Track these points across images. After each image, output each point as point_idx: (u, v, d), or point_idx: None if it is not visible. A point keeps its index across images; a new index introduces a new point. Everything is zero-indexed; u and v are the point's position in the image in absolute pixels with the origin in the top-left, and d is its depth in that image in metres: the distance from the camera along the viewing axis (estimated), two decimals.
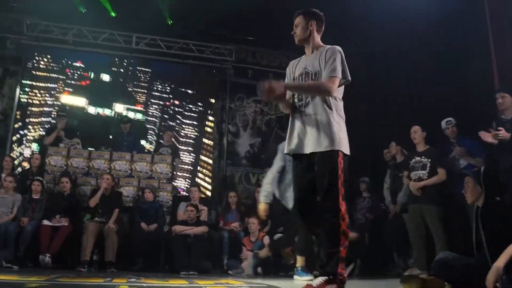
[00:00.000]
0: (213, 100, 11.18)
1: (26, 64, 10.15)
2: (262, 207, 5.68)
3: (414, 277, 3.89)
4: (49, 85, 11.24)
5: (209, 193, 10.36)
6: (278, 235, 7.12)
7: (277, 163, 5.50)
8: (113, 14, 9.65)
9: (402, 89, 8.09)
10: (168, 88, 12.49)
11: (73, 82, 11.61)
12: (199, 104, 12.33)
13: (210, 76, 11.10)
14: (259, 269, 6.67)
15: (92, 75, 12.07)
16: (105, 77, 12.17)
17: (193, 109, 12.26)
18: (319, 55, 3.39)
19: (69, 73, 11.61)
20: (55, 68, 11.36)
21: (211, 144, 10.99)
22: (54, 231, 6.64)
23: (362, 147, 8.71)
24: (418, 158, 5.94)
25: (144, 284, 3.95)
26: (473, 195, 3.74)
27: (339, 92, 3.37)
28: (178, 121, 12.28)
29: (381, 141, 7.53)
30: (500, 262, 3.06)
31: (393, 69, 8.23)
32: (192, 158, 11.96)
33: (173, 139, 10.29)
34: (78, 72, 11.71)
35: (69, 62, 11.65)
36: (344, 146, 3.26)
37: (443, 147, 6.07)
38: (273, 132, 10.91)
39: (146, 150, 9.74)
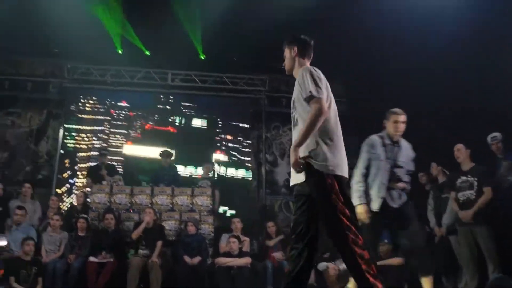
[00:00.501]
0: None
1: (69, 107, 10.59)
2: (360, 210, 4.54)
3: None
4: (95, 128, 11.51)
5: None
6: (323, 264, 7.03)
7: (363, 158, 4.77)
8: (147, 53, 9.95)
9: (439, 105, 7.93)
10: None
11: (118, 123, 11.82)
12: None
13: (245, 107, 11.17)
14: None
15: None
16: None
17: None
18: (296, 81, 3.26)
19: (114, 114, 11.84)
20: (100, 110, 11.65)
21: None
22: (100, 267, 6.76)
23: None
24: (464, 178, 5.78)
25: None
26: None
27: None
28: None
29: (420, 163, 7.37)
30: None
31: (428, 85, 8.09)
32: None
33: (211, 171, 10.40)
34: (124, 112, 11.93)
35: (113, 103, 11.85)
36: (335, 167, 3.01)
37: (490, 163, 5.89)
38: None
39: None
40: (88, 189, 8.51)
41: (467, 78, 7.18)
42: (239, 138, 11.88)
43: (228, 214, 10.02)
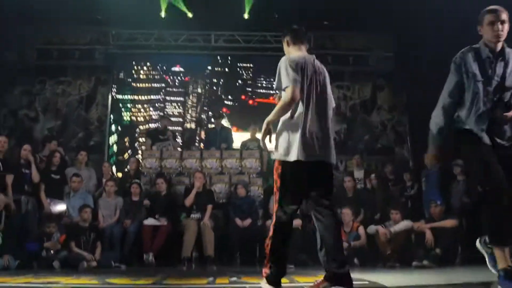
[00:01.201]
0: None
1: (118, 74, 10.80)
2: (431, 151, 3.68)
3: None
4: (151, 97, 11.58)
5: None
6: (373, 227, 6.98)
7: (449, 81, 3.49)
8: (190, 15, 9.85)
9: None
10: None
11: (174, 89, 11.84)
12: None
13: None
14: (356, 260, 6.59)
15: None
16: None
17: None
18: None
19: (169, 80, 11.84)
20: (155, 77, 11.65)
21: None
22: (155, 230, 6.99)
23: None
24: None
25: (247, 286, 4.01)
26: None
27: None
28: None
29: None
30: None
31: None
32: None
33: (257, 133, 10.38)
34: (179, 78, 11.91)
35: (165, 68, 11.78)
36: (279, 153, 3.23)
37: None
38: (357, 117, 10.67)
39: None
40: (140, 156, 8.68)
41: None
42: None
43: None
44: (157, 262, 6.75)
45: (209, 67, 11.84)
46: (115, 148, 10.55)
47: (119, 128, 10.64)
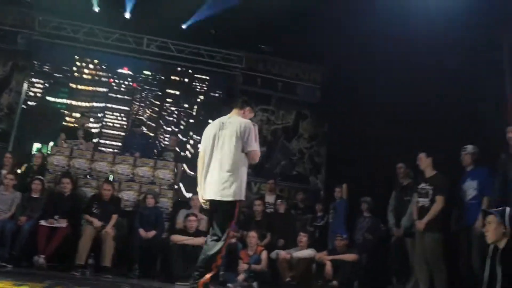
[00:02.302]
0: None
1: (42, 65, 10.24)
2: None
3: None
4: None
5: None
6: (275, 252, 7.05)
7: None
8: (127, 15, 9.57)
9: (411, 113, 7.93)
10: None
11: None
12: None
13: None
14: (255, 284, 6.59)
15: None
16: None
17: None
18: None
19: (113, 84, 11.46)
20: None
21: None
22: (52, 231, 6.58)
23: (367, 165, 8.65)
24: (423, 185, 5.84)
25: None
26: (495, 235, 3.60)
27: None
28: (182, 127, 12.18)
29: (387, 163, 7.40)
30: None
31: (401, 92, 8.06)
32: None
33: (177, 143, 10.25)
34: (126, 83, 11.54)
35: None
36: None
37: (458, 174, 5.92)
38: (278, 142, 10.84)
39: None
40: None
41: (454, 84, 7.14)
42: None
43: None
44: (49, 266, 6.34)
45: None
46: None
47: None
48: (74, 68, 11.35)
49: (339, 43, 9.34)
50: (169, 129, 12.27)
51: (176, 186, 8.74)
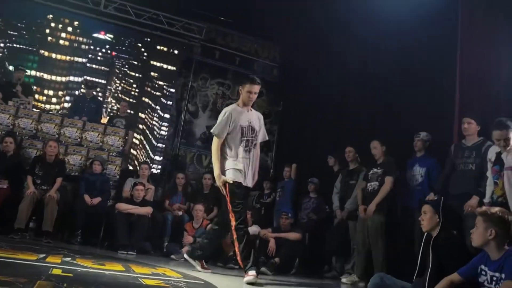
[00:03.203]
0: None
1: None
2: None
3: None
4: None
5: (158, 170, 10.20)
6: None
7: None
8: None
9: (365, 99, 8.10)
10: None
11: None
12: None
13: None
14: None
15: None
16: None
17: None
18: (260, 119, 4.98)
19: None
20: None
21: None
22: None
23: (315, 149, 8.82)
24: (375, 170, 6.04)
25: (78, 269, 3.82)
26: (430, 224, 3.82)
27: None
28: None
29: (338, 147, 7.56)
30: None
31: (365, 69, 8.22)
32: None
33: (128, 110, 10.05)
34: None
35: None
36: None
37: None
38: None
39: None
40: None
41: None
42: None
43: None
44: None
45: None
46: None
47: None
48: (47, 31, 10.65)
49: (299, 24, 9.38)
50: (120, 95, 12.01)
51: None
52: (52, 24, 10.60)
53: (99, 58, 11.55)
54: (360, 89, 8.26)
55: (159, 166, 10.55)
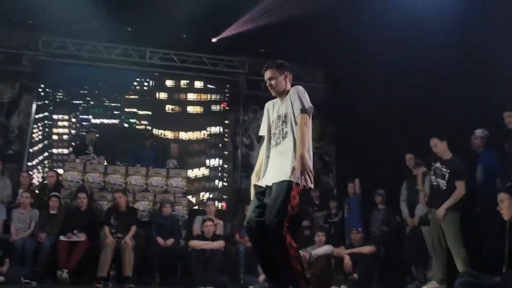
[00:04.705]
0: None
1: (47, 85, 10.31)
2: None
3: None
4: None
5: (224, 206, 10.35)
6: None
7: None
8: (128, 28, 9.65)
9: (419, 97, 7.98)
10: None
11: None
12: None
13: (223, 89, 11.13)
14: None
15: None
16: None
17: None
18: (287, 99, 3.71)
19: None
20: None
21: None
22: (72, 246, 6.67)
23: (374, 161, 8.71)
24: (439, 165, 5.90)
25: None
26: (510, 212, 3.67)
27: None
28: None
29: (397, 153, 7.45)
30: None
31: (409, 76, 8.13)
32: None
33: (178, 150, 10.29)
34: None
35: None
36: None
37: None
38: None
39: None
40: (60, 170, 8.28)
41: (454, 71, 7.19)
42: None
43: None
44: (72, 280, 6.41)
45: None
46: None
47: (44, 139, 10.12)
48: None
49: (339, 43, 9.42)
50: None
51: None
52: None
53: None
54: (407, 95, 8.16)
55: (222, 203, 10.69)
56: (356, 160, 9.50)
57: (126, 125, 12.30)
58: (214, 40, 10.02)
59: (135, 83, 12.03)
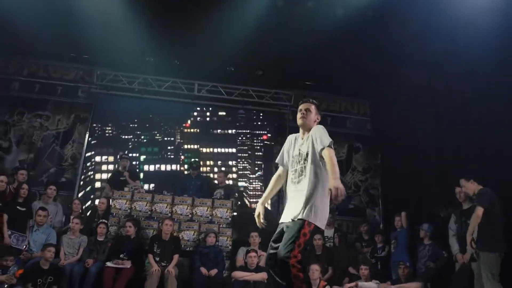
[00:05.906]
0: None
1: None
2: None
3: None
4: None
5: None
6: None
7: None
8: (176, 62, 9.96)
9: (469, 132, 7.77)
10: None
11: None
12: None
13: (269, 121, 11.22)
14: None
15: None
16: None
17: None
18: (309, 138, 3.97)
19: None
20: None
21: None
22: (117, 272, 6.80)
23: (421, 194, 8.48)
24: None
25: None
26: None
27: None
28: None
29: (445, 188, 7.24)
30: None
31: (459, 112, 7.94)
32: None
33: (226, 180, 10.35)
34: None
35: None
36: (312, 216, 3.71)
37: None
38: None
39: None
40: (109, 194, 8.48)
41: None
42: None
43: None
44: None
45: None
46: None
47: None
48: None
49: (387, 76, 9.39)
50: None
51: None
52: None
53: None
54: (453, 129, 7.97)
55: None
56: (402, 193, 9.27)
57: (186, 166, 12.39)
58: (259, 73, 10.19)
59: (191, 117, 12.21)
